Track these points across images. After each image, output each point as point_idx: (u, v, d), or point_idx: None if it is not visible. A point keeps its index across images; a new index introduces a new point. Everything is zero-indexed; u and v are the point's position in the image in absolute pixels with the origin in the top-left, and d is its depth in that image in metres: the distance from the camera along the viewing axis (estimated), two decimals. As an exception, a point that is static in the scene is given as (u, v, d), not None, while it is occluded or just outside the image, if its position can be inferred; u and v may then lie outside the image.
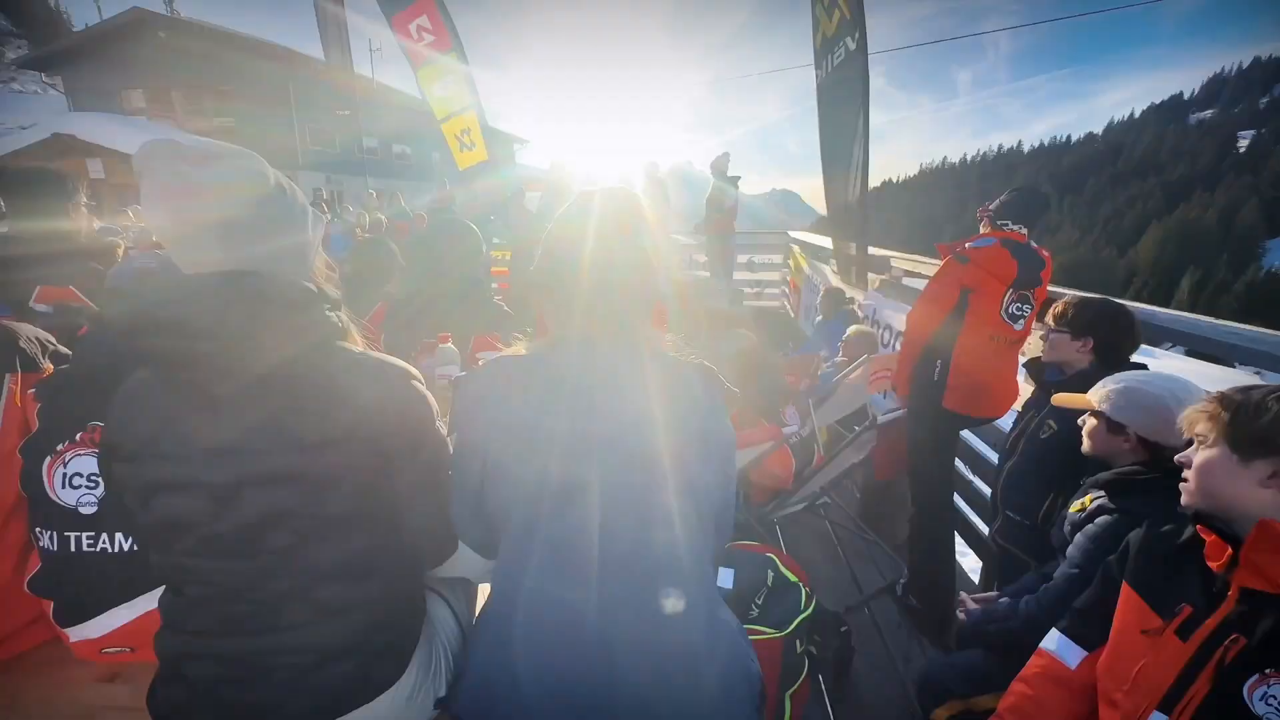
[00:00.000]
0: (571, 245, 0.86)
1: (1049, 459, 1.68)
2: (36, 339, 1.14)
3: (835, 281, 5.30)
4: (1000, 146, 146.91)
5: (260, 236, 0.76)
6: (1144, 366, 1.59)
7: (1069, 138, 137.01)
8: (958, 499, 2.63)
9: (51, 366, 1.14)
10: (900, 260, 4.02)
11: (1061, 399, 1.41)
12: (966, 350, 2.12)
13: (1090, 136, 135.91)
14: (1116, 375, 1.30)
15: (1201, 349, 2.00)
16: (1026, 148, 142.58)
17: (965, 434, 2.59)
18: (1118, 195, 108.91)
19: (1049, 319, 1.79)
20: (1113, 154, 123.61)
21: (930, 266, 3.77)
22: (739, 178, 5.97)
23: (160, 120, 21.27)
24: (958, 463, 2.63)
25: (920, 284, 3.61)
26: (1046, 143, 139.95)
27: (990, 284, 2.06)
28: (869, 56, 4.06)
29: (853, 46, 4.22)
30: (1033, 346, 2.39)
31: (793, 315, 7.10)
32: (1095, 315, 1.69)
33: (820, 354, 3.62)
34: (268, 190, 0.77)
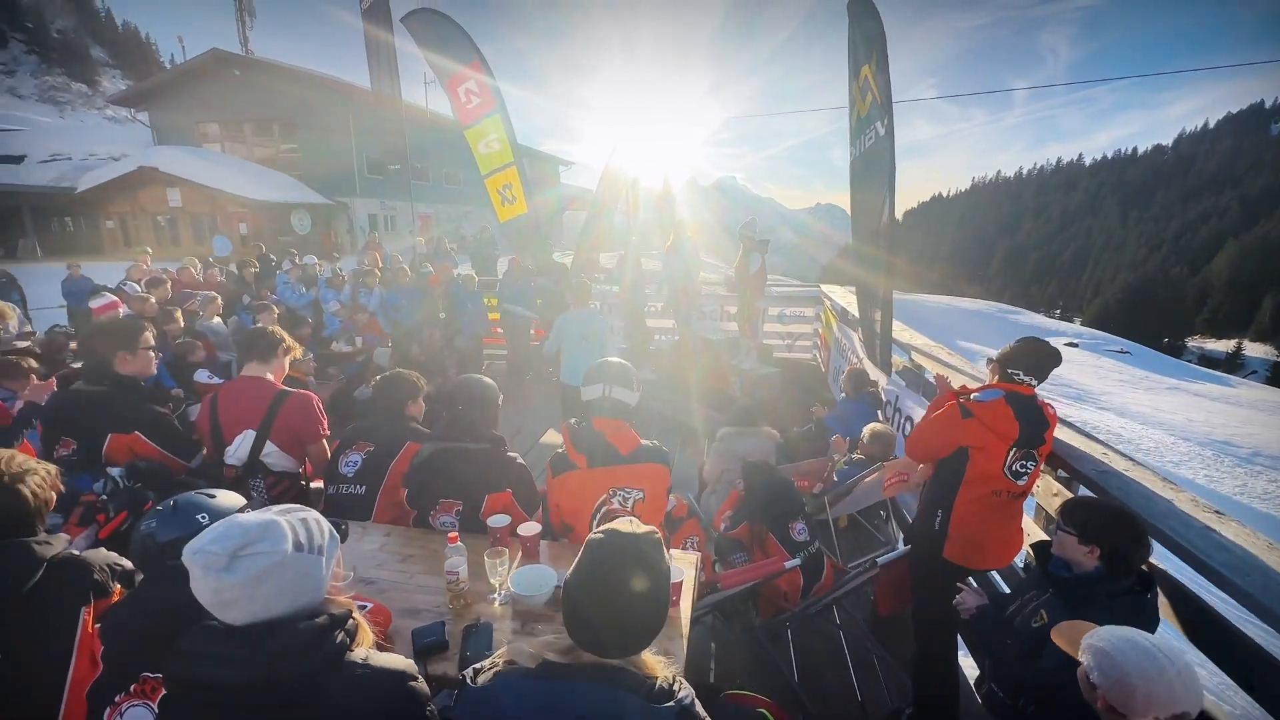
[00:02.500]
0: (588, 593, 0.98)
1: (1038, 650, 1.69)
2: (107, 565, 1.34)
3: (861, 352, 5.30)
4: (1059, 159, 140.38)
5: (282, 598, 0.93)
6: (1151, 583, 1.59)
7: (1134, 150, 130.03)
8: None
9: (120, 588, 1.34)
10: (923, 357, 4.00)
11: (1058, 638, 1.41)
12: (967, 504, 2.15)
13: (1159, 148, 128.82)
14: (1109, 632, 1.28)
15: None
16: (1088, 160, 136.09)
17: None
18: (1189, 210, 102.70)
19: (1056, 513, 1.78)
20: (1184, 166, 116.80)
21: (958, 363, 3.75)
22: (768, 241, 6.03)
23: (233, 151, 22.84)
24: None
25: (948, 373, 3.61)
26: (1110, 155, 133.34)
27: (992, 443, 2.08)
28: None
29: (881, 132, 4.29)
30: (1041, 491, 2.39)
31: (823, 370, 7.08)
32: (1104, 524, 1.63)
33: (833, 457, 3.65)
34: (287, 560, 0.93)
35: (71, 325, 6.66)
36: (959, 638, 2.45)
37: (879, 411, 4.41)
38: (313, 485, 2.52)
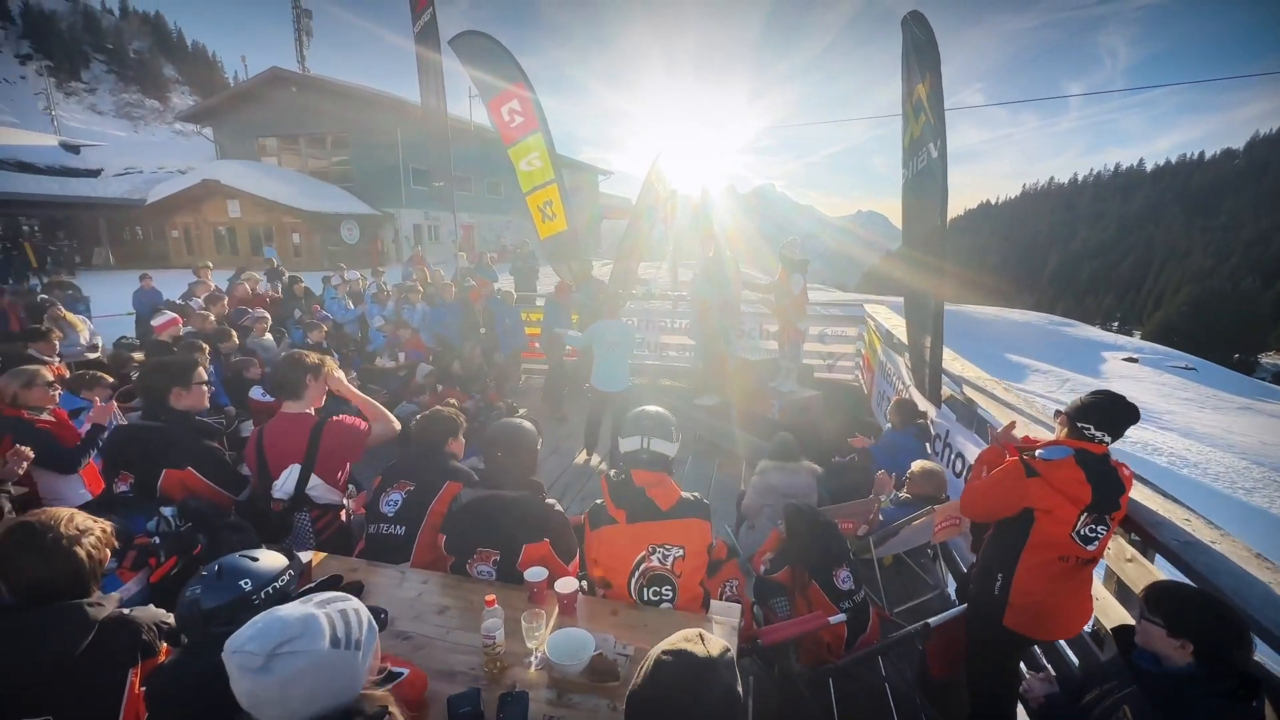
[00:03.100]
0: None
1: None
2: (154, 624, 1.36)
3: (908, 378, 5.10)
4: (1118, 165, 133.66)
5: (316, 700, 0.91)
6: (1258, 689, 1.38)
7: (1201, 154, 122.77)
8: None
9: (166, 646, 1.36)
10: (976, 393, 3.80)
11: None
12: (1030, 569, 2.00)
13: (1229, 153, 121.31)
14: None
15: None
16: (1149, 165, 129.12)
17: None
18: (1262, 218, 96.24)
19: (1140, 597, 1.60)
20: (1257, 172, 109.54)
21: (1015, 400, 3.55)
22: (808, 261, 5.89)
23: (288, 163, 23.91)
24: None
25: (993, 413, 3.42)
26: (1174, 160, 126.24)
27: (1060, 506, 1.93)
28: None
29: (934, 154, 4.16)
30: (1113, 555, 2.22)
31: (866, 392, 6.86)
32: (1197, 616, 1.44)
33: (879, 497, 3.49)
34: (323, 658, 0.91)
35: (137, 336, 7.01)
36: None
37: (927, 444, 4.22)
38: (354, 515, 2.55)
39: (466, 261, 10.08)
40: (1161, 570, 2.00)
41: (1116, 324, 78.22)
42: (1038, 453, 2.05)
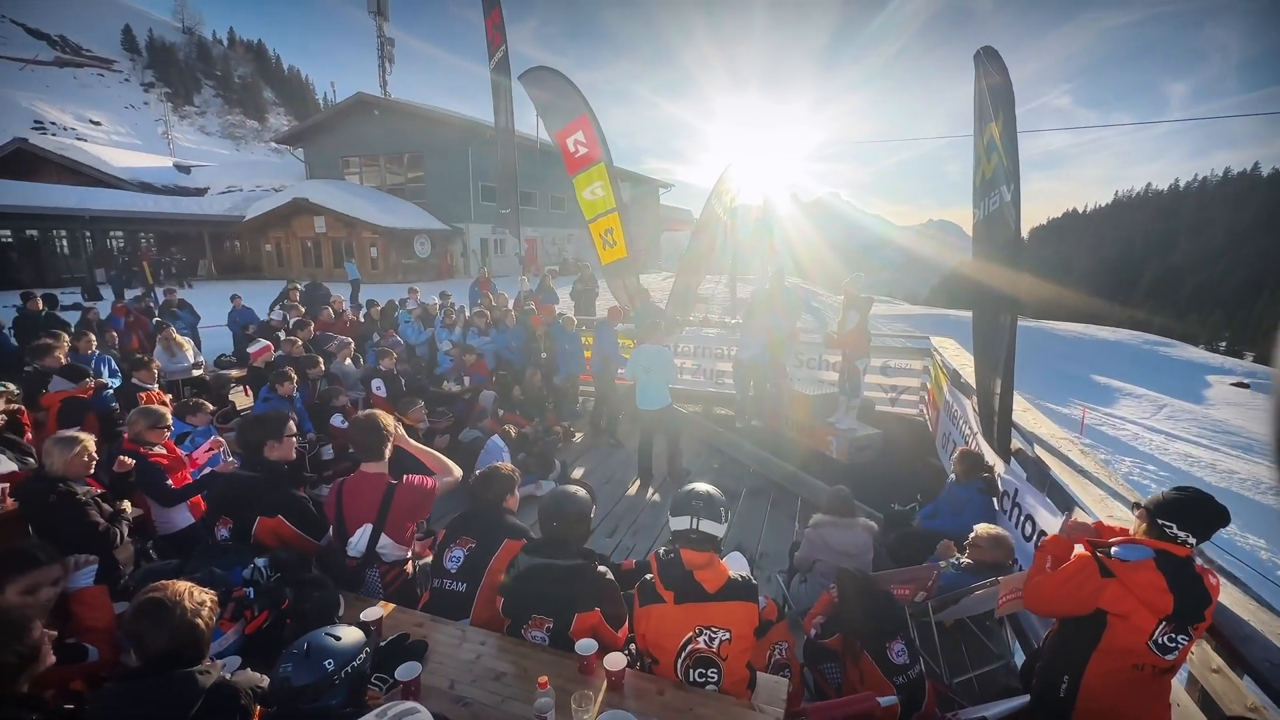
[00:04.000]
0: None
1: None
2: (251, 689, 1.52)
3: (975, 424, 4.88)
4: (1227, 170, 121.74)
5: None
6: None
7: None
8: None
9: (260, 709, 1.52)
10: (1050, 455, 3.59)
11: None
12: (1100, 675, 1.89)
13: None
14: None
15: None
16: (1265, 170, 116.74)
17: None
18: None
19: None
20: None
21: (1092, 467, 3.34)
22: (872, 300, 5.75)
23: (368, 180, 25.52)
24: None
25: (1068, 481, 3.22)
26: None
27: (1138, 613, 1.82)
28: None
29: (1007, 197, 4.00)
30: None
31: (931, 430, 6.60)
32: None
33: (938, 564, 3.36)
34: None
35: (234, 354, 7.69)
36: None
37: (995, 501, 4.02)
38: (420, 562, 2.72)
39: (529, 284, 10.43)
40: (1253, 693, 1.85)
41: (1224, 344, 70.95)
42: (1114, 550, 1.94)
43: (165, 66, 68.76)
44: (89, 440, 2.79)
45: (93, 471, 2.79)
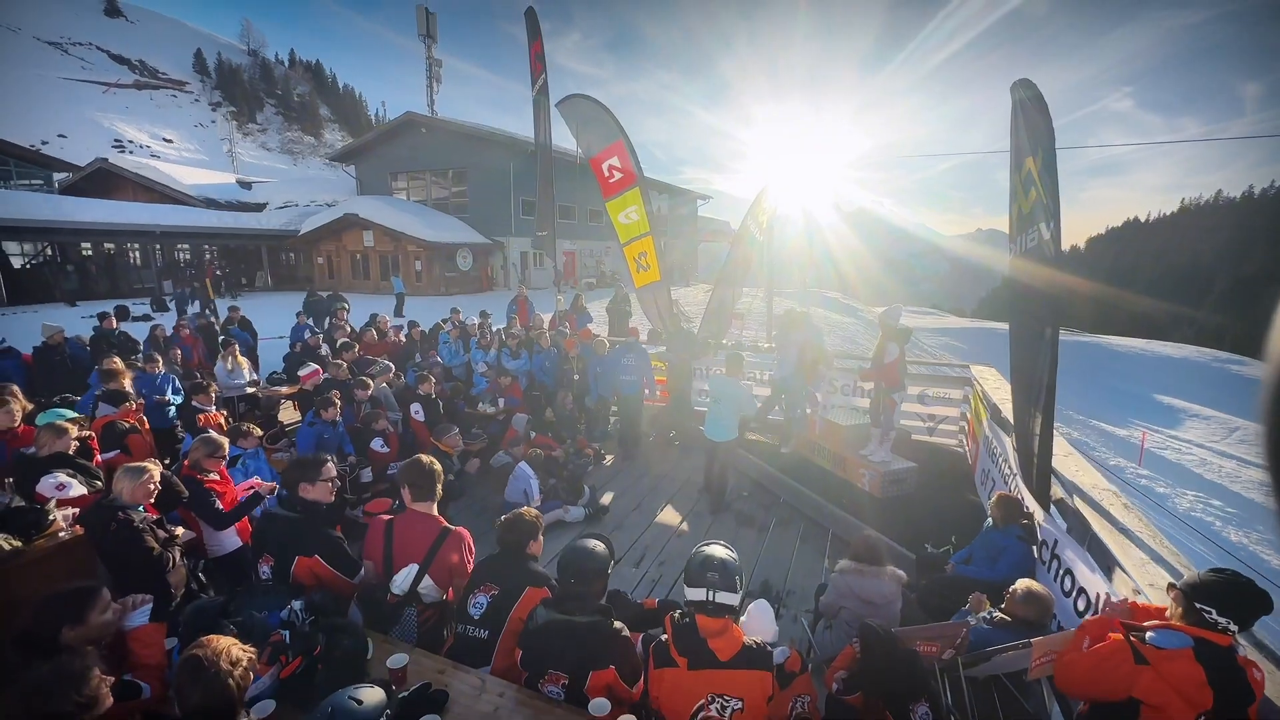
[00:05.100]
0: None
1: None
2: None
3: (1015, 464, 4.70)
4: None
5: None
6: None
7: None
8: None
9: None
10: (1090, 510, 3.43)
11: None
12: (1134, 764, 1.81)
13: None
14: None
15: None
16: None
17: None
18: None
19: None
20: None
21: (1136, 525, 3.18)
22: (910, 331, 5.62)
23: (414, 195, 26.45)
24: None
25: (1108, 541, 3.07)
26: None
27: (1173, 705, 1.74)
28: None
29: (1046, 235, 3.86)
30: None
31: (970, 463, 6.38)
32: None
33: (968, 619, 3.25)
34: None
35: (285, 371, 8.07)
36: None
37: (1033, 549, 3.87)
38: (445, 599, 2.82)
39: (564, 304, 10.61)
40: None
41: (1305, 363, 65.83)
42: (1149, 636, 1.85)
43: (231, 86, 73.17)
44: (155, 470, 3.02)
45: (153, 500, 3.01)
